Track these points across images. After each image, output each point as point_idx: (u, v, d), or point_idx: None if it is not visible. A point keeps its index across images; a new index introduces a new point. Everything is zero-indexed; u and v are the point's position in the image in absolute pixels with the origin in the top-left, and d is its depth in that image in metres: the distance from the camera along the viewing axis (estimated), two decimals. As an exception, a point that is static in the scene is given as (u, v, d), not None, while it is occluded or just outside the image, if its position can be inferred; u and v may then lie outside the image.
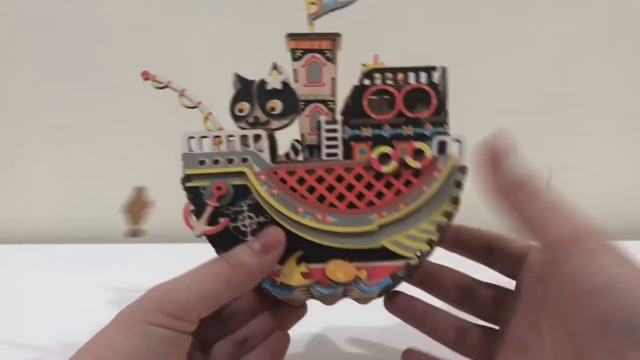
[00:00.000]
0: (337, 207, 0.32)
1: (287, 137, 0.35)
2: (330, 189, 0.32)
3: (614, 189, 0.72)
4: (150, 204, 0.37)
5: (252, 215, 0.32)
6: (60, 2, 0.68)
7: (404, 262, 0.31)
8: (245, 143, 0.33)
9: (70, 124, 0.73)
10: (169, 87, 0.35)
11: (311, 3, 0.34)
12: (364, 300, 0.37)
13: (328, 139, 0.33)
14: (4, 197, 0.78)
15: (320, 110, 0.34)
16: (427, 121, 0.33)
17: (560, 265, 0.26)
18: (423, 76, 0.33)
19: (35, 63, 0.72)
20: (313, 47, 0.34)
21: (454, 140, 0.32)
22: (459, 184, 0.32)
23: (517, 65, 0.67)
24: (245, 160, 0.32)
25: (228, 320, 0.38)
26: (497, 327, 0.34)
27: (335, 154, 0.33)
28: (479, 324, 0.36)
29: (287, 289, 0.31)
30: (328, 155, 0.33)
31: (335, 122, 0.33)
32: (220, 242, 0.32)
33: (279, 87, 0.34)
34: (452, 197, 0.31)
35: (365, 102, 0.33)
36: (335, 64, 0.34)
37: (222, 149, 0.33)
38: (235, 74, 0.35)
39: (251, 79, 0.34)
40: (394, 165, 0.32)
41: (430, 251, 0.31)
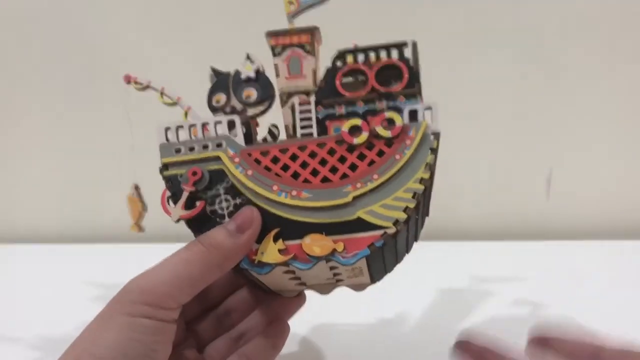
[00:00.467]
0: (311, 183, 0.31)
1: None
2: (304, 165, 0.32)
3: (614, 189, 0.69)
4: (144, 206, 0.38)
5: (228, 197, 0.32)
6: (61, 2, 0.71)
7: (381, 231, 0.30)
8: (221, 130, 0.33)
9: (70, 124, 0.75)
10: (150, 88, 0.36)
11: (289, 2, 0.36)
12: (359, 287, 0.36)
13: (302, 119, 0.33)
14: (4, 197, 0.79)
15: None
16: (400, 94, 0.33)
17: None
18: (394, 53, 0.33)
19: (35, 63, 0.74)
20: (292, 42, 0.35)
21: (426, 109, 0.32)
22: (433, 150, 0.31)
23: (517, 65, 0.66)
24: (219, 145, 0.33)
25: (224, 317, 0.38)
26: None
27: (311, 134, 0.33)
28: None
29: (265, 266, 0.31)
30: (303, 135, 0.33)
31: (308, 103, 0.33)
32: (199, 227, 0.32)
33: (253, 75, 0.35)
34: (427, 163, 0.31)
35: (338, 82, 0.33)
36: (314, 56, 0.35)
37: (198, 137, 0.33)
38: (211, 67, 0.36)
39: (226, 71, 0.36)
40: (364, 136, 0.32)
41: (408, 219, 0.30)
